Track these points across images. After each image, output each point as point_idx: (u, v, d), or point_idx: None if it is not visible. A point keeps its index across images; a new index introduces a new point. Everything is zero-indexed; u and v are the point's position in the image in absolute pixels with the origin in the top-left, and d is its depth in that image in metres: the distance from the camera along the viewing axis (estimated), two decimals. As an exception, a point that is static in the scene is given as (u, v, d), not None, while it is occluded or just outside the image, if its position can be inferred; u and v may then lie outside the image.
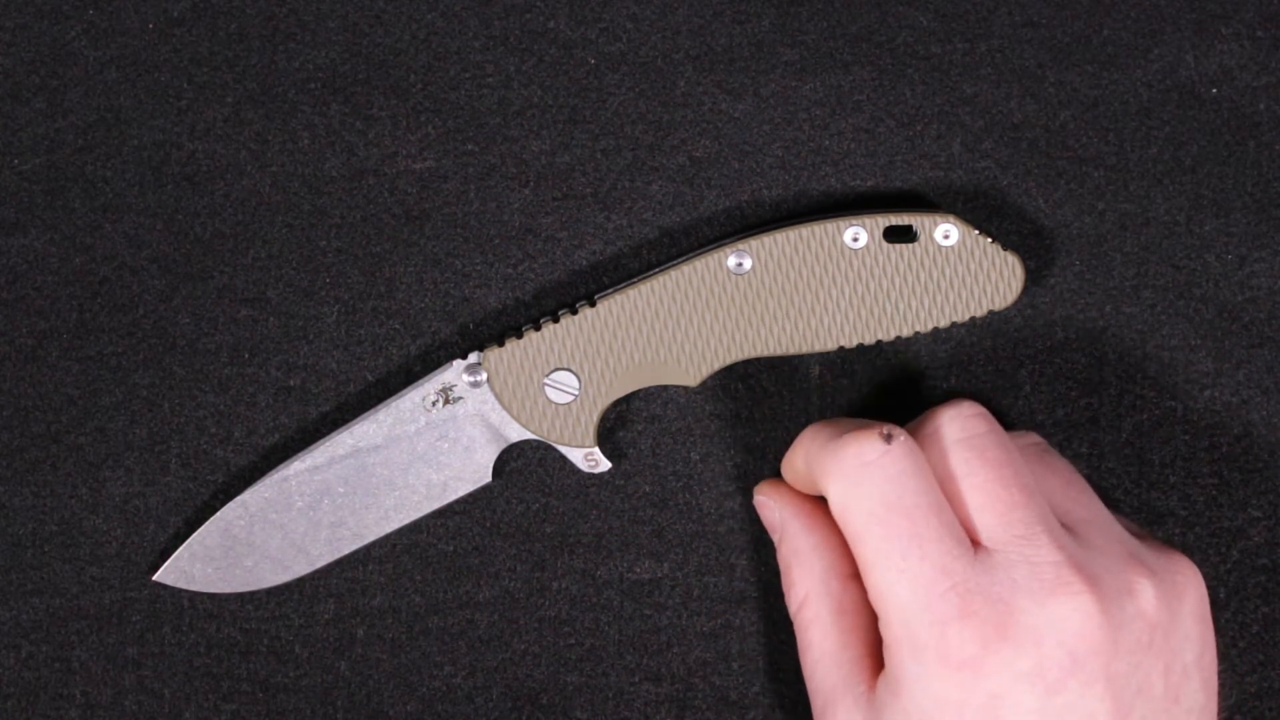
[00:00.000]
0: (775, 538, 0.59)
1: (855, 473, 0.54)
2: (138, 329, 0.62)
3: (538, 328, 0.60)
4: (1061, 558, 0.53)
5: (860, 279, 0.59)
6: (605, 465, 0.60)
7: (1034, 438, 0.59)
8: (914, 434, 0.56)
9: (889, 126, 0.61)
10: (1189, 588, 0.55)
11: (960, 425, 0.55)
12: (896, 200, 0.61)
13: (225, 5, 0.62)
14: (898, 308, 0.59)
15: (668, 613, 0.62)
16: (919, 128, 0.61)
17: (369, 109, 0.62)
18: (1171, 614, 0.54)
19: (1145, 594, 0.53)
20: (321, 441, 0.61)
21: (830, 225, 0.59)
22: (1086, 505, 0.56)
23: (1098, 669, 0.52)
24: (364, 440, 0.60)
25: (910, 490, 0.53)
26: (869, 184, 0.61)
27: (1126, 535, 0.55)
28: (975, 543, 0.54)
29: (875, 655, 0.56)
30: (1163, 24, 0.61)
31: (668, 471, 0.62)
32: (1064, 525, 0.55)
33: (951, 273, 0.59)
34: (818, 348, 0.59)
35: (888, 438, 0.54)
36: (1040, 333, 0.61)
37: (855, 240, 0.59)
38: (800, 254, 0.59)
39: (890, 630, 0.53)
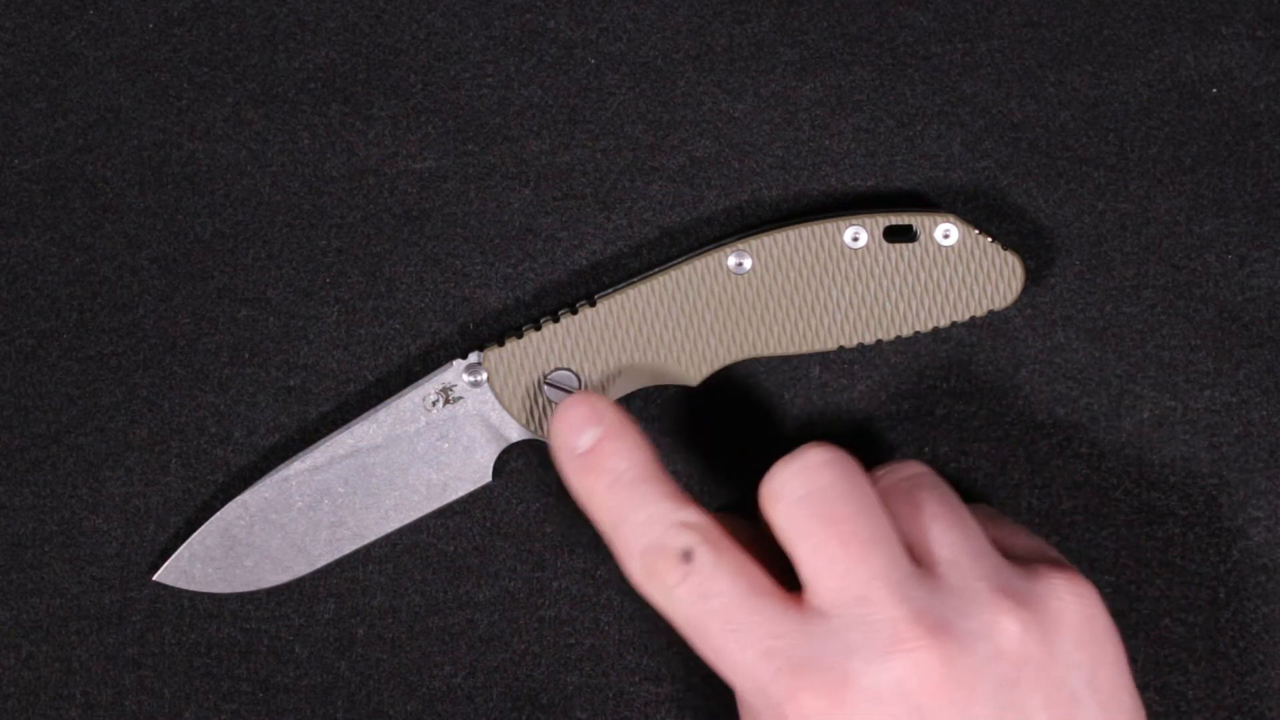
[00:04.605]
0: None
1: (663, 597, 0.53)
2: (138, 329, 0.62)
3: (538, 328, 0.60)
4: (900, 613, 0.51)
5: (860, 279, 0.59)
6: (605, 465, 0.60)
7: (912, 469, 0.56)
8: (762, 490, 0.54)
9: (889, 126, 0.61)
10: (1067, 611, 0.53)
11: (802, 480, 0.53)
12: (896, 200, 0.61)
13: (225, 5, 0.62)
14: (898, 308, 0.59)
15: (668, 613, 0.62)
16: (919, 128, 0.61)
17: (369, 109, 0.62)
18: (1045, 645, 0.52)
19: (1007, 631, 0.52)
20: (321, 441, 0.61)
21: (830, 225, 0.59)
22: (953, 541, 0.54)
23: (953, 718, 0.51)
24: (364, 440, 0.60)
25: (717, 593, 0.52)
26: (869, 184, 0.61)
27: (997, 567, 0.53)
28: (811, 607, 0.52)
29: None
30: (1163, 24, 0.61)
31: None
32: (925, 565, 0.53)
33: (951, 272, 0.59)
34: (818, 348, 0.59)
35: (686, 556, 0.53)
36: (1040, 333, 0.61)
37: (855, 240, 0.59)
38: (800, 254, 0.59)
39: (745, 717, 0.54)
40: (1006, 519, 0.58)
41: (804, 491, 0.53)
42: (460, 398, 0.60)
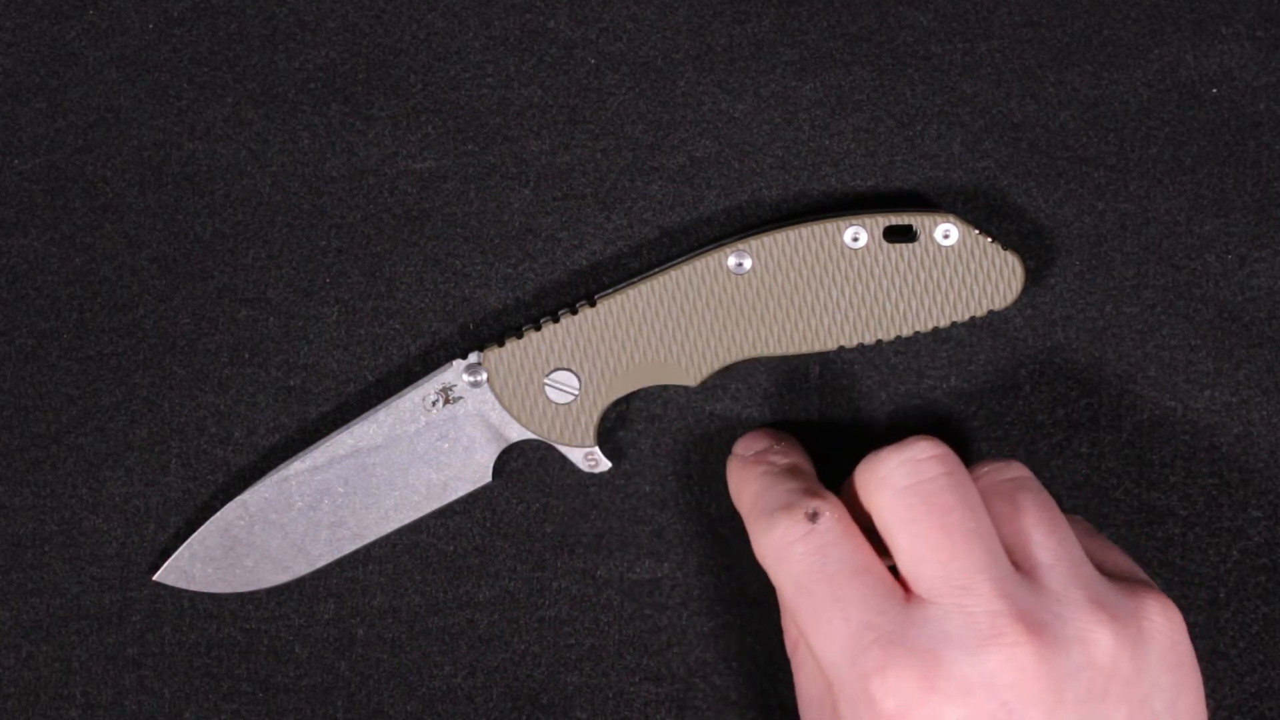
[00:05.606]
0: None
1: (780, 551, 0.54)
2: (138, 329, 0.62)
3: (538, 328, 0.60)
4: (1001, 607, 0.52)
5: (860, 279, 0.59)
6: (605, 465, 0.60)
7: (1014, 470, 0.57)
8: (864, 473, 0.54)
9: (889, 126, 0.61)
10: (1157, 633, 0.53)
11: (910, 470, 0.54)
12: (896, 200, 0.61)
13: (225, 5, 0.62)
14: (898, 308, 0.59)
15: (668, 613, 0.62)
16: (919, 128, 0.61)
17: (369, 109, 0.62)
18: (1135, 662, 0.52)
19: (1100, 642, 0.52)
20: (321, 441, 0.61)
21: (830, 225, 0.59)
22: (1053, 547, 0.54)
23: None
24: (364, 440, 0.60)
25: (834, 558, 0.53)
26: (869, 184, 0.61)
27: (1094, 578, 0.54)
28: (912, 594, 0.53)
29: None
30: (1163, 24, 0.61)
31: (668, 471, 0.62)
32: (1023, 568, 0.53)
33: (951, 273, 0.59)
34: (818, 348, 0.59)
35: (813, 516, 0.54)
36: (1040, 333, 0.61)
37: (855, 240, 0.59)
38: (800, 254, 0.59)
39: (832, 690, 0.53)
40: (1100, 535, 0.58)
41: (911, 481, 0.54)
42: (460, 398, 0.60)
